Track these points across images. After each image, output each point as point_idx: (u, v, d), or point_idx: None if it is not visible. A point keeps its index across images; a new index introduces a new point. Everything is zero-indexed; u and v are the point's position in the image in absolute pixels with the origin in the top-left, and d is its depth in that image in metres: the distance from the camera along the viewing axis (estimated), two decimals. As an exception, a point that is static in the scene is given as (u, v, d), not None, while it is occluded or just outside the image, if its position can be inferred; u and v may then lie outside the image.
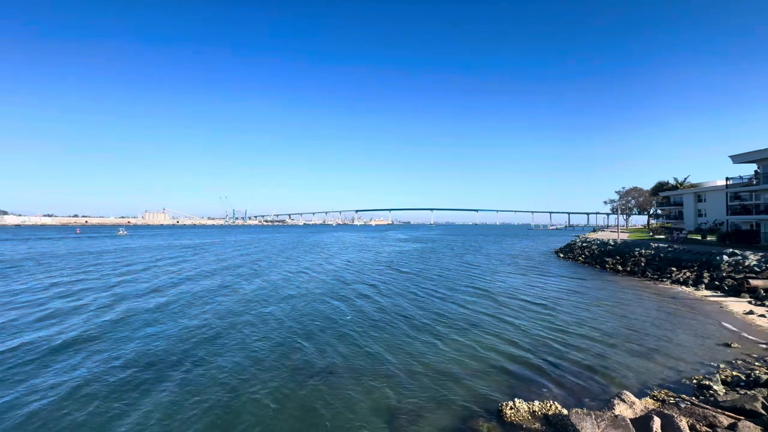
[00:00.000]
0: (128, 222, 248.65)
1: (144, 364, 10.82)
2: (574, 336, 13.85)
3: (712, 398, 8.39)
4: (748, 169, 39.40)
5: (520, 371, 10.54)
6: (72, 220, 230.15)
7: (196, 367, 10.62)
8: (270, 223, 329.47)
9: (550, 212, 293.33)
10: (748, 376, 9.80)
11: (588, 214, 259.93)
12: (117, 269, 31.41)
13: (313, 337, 13.45)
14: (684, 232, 44.73)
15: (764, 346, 12.55)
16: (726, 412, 7.40)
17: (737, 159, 36.54)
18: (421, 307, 18.60)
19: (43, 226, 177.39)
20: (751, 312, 16.93)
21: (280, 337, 13.42)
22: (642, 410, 7.73)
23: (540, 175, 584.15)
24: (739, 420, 6.97)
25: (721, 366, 10.77)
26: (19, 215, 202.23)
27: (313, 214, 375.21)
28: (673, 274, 26.51)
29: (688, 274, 25.81)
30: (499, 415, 7.94)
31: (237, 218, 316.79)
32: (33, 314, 16.20)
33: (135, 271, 30.64)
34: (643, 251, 33.86)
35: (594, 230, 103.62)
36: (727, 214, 38.71)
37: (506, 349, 12.36)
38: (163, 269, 31.71)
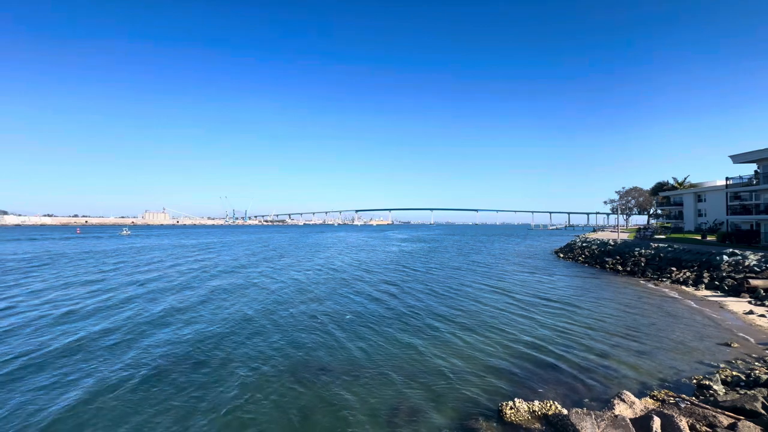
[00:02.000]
0: (132, 222, 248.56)
1: (149, 368, 10.84)
2: (573, 336, 13.86)
3: (712, 398, 8.39)
4: (748, 169, 39.47)
5: (520, 371, 10.54)
6: (72, 220, 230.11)
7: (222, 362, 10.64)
8: (270, 223, 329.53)
9: (550, 212, 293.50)
10: (748, 376, 9.80)
11: (588, 214, 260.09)
12: (141, 268, 32.14)
13: (320, 333, 13.47)
14: (650, 230, 52.36)
15: (764, 346, 12.55)
16: (726, 412, 7.40)
17: (737, 159, 36.55)
18: (422, 306, 18.59)
19: (43, 226, 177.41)
20: (751, 312, 16.93)
21: (292, 334, 13.45)
22: (642, 410, 7.73)
23: (540, 175, 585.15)
24: (739, 420, 6.97)
25: (721, 366, 10.77)
26: (19, 215, 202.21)
27: (313, 214, 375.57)
28: (673, 274, 26.51)
29: (688, 274, 25.81)
30: (499, 415, 7.94)
31: (237, 218, 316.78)
32: (60, 310, 16.71)
33: (162, 268, 31.71)
34: (643, 251, 33.86)
35: (594, 230, 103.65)
36: (727, 214, 38.72)
37: (506, 349, 12.36)
38: (186, 266, 32.52)
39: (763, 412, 7.34)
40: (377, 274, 30.09)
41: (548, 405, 8.04)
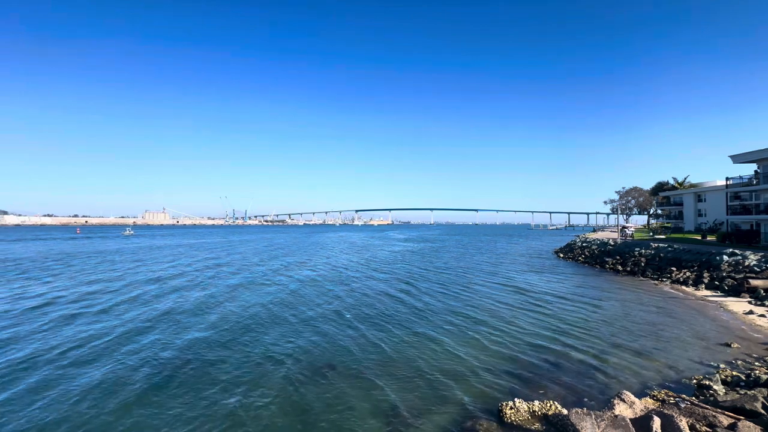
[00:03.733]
0: (134, 222, 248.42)
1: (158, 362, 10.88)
2: (573, 336, 13.86)
3: (712, 398, 8.39)
4: (748, 169, 39.43)
5: (520, 371, 10.54)
6: (72, 220, 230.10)
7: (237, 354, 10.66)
8: (270, 223, 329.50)
9: (550, 212, 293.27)
10: (748, 376, 9.80)
11: (588, 214, 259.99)
12: (161, 266, 32.80)
13: (325, 331, 13.49)
14: (630, 230, 57.75)
15: (764, 346, 12.54)
16: (726, 412, 7.39)
17: (737, 159, 36.55)
18: (424, 305, 18.60)
19: (43, 226, 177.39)
20: (751, 312, 16.92)
21: (296, 332, 13.47)
22: (642, 410, 7.73)
23: (540, 175, 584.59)
24: (739, 420, 6.97)
25: (721, 366, 10.77)
26: (19, 215, 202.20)
27: (313, 214, 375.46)
28: (673, 274, 26.50)
29: (688, 274, 25.81)
30: (499, 415, 7.94)
31: (237, 218, 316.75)
32: (96, 306, 17.91)
33: (181, 266, 32.55)
34: (643, 251, 33.85)
35: (594, 230, 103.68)
36: (727, 214, 38.72)
37: (506, 349, 12.36)
38: (202, 264, 33.16)
39: (763, 412, 7.34)
40: (387, 273, 30.26)
41: (548, 405, 8.04)
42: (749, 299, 19.34)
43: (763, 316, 16.23)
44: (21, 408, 8.31)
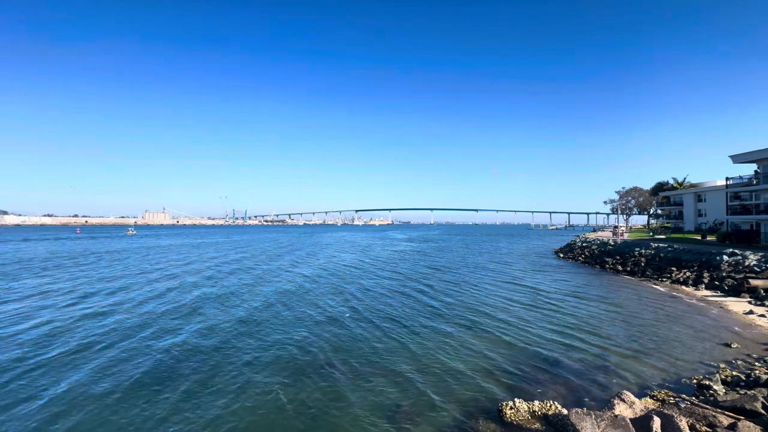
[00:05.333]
0: (135, 222, 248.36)
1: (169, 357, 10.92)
2: (573, 336, 13.85)
3: (712, 398, 8.39)
4: (748, 169, 39.43)
5: (520, 371, 10.54)
6: (72, 220, 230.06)
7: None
8: (270, 223, 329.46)
9: (550, 212, 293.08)
10: (748, 376, 9.80)
11: (588, 214, 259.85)
12: (175, 263, 34.15)
13: (322, 328, 13.48)
14: (621, 229, 60.03)
15: (764, 346, 12.54)
16: (726, 412, 7.39)
17: (737, 159, 36.55)
18: (425, 305, 18.60)
19: (43, 226, 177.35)
20: (751, 312, 16.93)
21: (301, 330, 13.47)
22: (642, 410, 7.72)
23: (540, 175, 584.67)
24: (739, 420, 6.97)
25: (721, 366, 10.77)
26: (19, 215, 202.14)
27: (313, 214, 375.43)
28: (673, 274, 26.50)
29: (688, 273, 25.81)
30: (499, 415, 7.94)
31: (237, 218, 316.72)
32: (134, 299, 18.13)
33: (196, 263, 34.31)
34: (643, 251, 33.85)
35: (594, 230, 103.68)
36: (727, 214, 38.72)
37: (506, 349, 12.36)
38: (216, 262, 34.58)
39: (763, 412, 7.34)
40: (393, 272, 30.34)
41: (548, 405, 8.04)
42: (749, 299, 19.34)
43: (763, 316, 16.23)
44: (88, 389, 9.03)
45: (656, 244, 35.29)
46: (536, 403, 8.13)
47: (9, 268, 30.88)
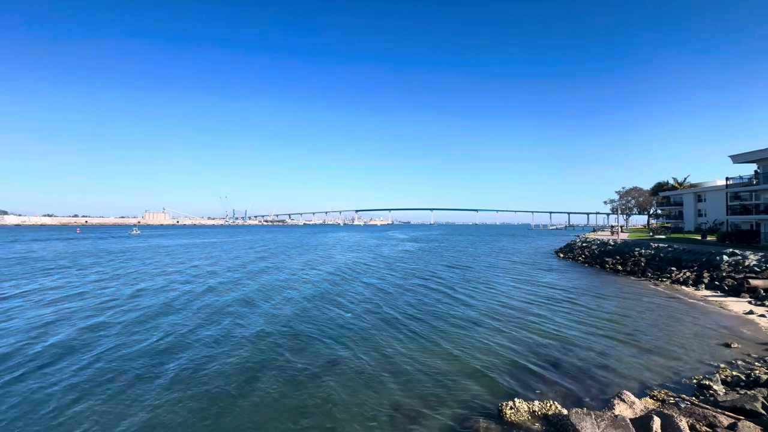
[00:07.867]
0: (138, 222, 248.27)
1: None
2: (573, 336, 13.84)
3: (712, 398, 8.39)
4: (748, 169, 39.50)
5: (520, 371, 10.54)
6: (72, 220, 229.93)
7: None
8: (270, 223, 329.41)
9: (550, 212, 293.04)
10: (748, 376, 9.80)
11: (588, 214, 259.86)
12: (188, 262, 35.05)
13: (322, 332, 13.49)
14: (616, 228, 62.01)
15: (764, 346, 12.54)
16: (726, 412, 7.39)
17: (737, 159, 36.55)
18: (425, 305, 18.60)
19: (43, 226, 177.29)
20: (751, 312, 16.92)
21: (309, 330, 13.48)
22: (642, 410, 7.72)
23: (540, 175, 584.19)
24: (739, 420, 6.97)
25: (721, 366, 10.76)
26: (19, 215, 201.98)
27: (313, 214, 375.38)
28: (673, 274, 26.50)
29: (688, 274, 25.80)
30: (499, 415, 7.94)
31: (237, 218, 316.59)
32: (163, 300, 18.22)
33: (214, 260, 35.04)
34: (643, 251, 33.84)
35: (594, 230, 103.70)
36: (727, 214, 38.73)
37: (506, 349, 12.34)
38: (230, 262, 36.04)
39: (763, 412, 7.34)
40: (397, 271, 30.29)
41: (548, 405, 8.04)
42: (749, 299, 19.34)
43: (763, 316, 16.23)
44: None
45: (656, 244, 35.29)
46: (536, 403, 8.13)
47: (38, 265, 32.73)
